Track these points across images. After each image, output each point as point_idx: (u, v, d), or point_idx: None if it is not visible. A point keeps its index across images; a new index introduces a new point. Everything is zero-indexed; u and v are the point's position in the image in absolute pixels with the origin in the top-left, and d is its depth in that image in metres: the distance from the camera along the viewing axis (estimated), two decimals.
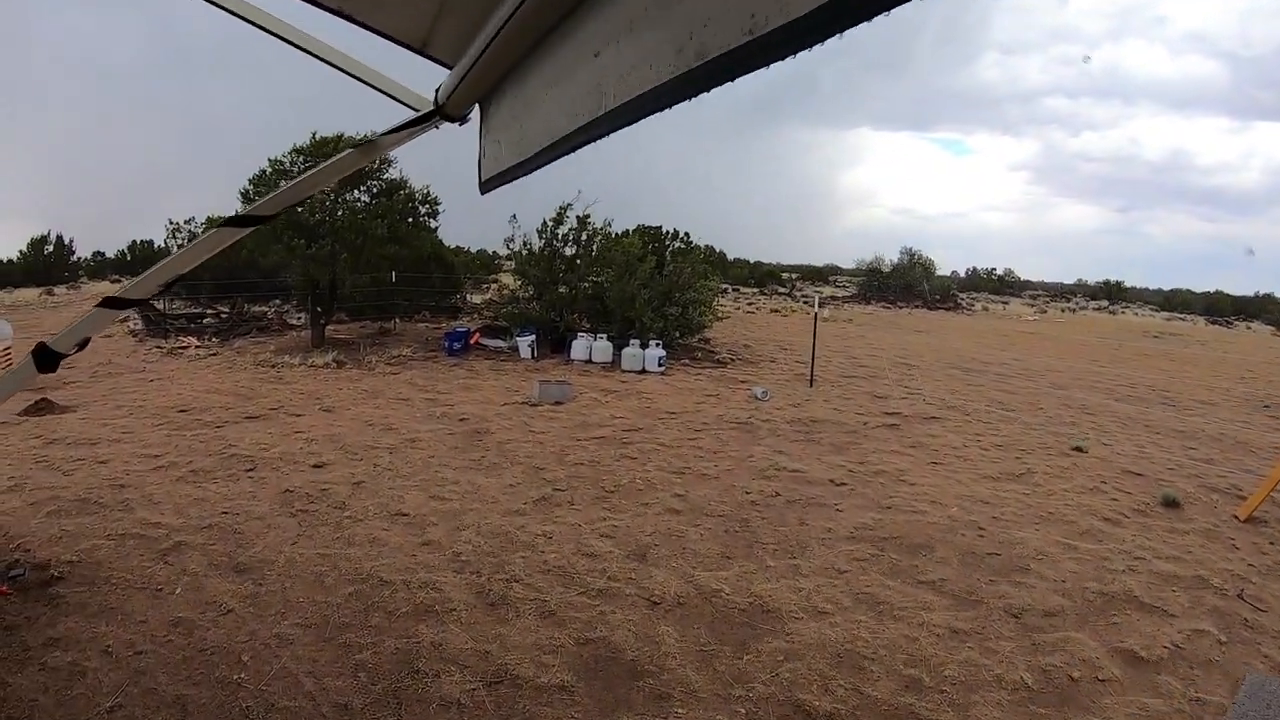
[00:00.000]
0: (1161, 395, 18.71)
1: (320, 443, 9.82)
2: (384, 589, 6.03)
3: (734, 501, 8.52)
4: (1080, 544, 7.73)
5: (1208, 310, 63.28)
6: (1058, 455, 11.53)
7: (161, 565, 6.27)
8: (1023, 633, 5.82)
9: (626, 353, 17.22)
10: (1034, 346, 29.11)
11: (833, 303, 45.58)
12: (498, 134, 2.44)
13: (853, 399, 15.14)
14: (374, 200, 18.75)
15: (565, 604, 5.99)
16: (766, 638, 5.56)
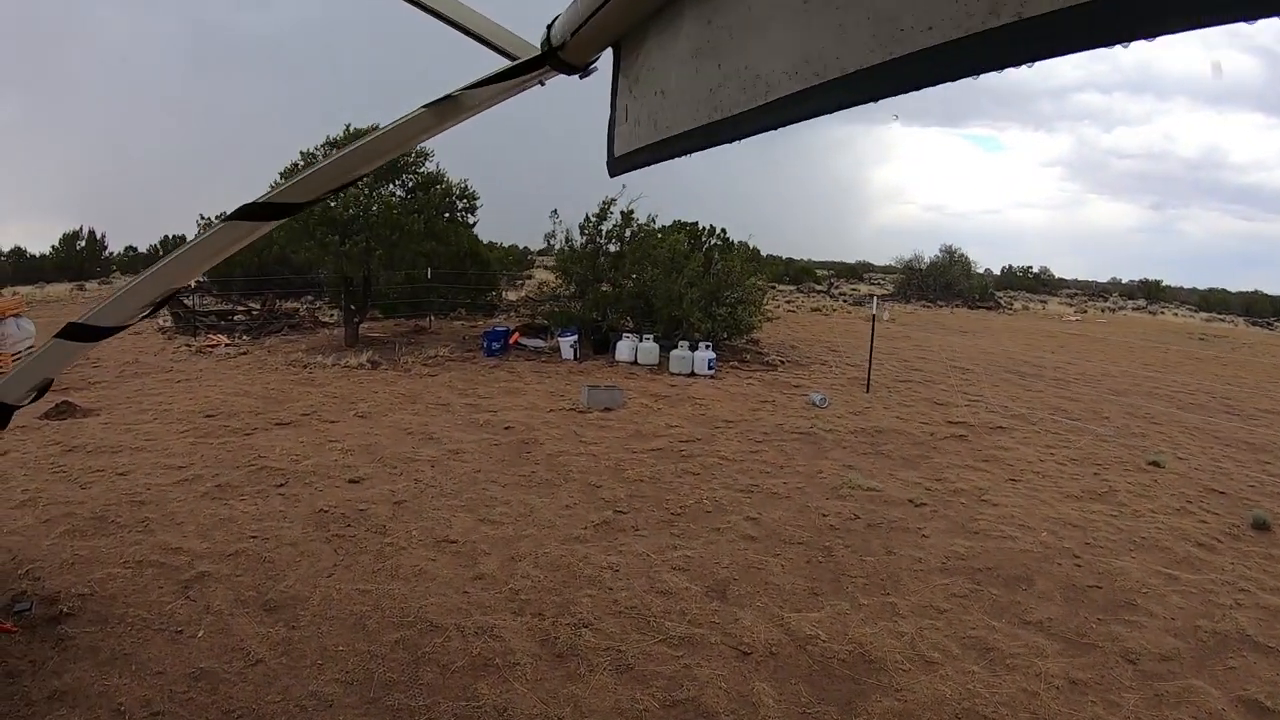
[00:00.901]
0: (1223, 403, 18.06)
1: (356, 454, 9.09)
2: (434, 635, 5.27)
3: (812, 526, 7.86)
4: (1180, 574, 7.24)
5: (1246, 311, 62.02)
6: (1135, 471, 10.97)
7: (182, 600, 5.57)
8: (1143, 681, 5.34)
9: (675, 355, 16.43)
10: (1083, 349, 28.28)
11: (871, 301, 44.85)
12: (639, 94, 1.95)
13: (913, 406, 14.45)
14: (409, 195, 17.98)
15: (643, 655, 5.25)
16: (874, 695, 4.97)
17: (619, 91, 2.08)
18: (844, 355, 20.70)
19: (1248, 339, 41.21)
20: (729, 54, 1.61)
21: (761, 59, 1.51)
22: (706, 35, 1.66)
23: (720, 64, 1.63)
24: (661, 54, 1.85)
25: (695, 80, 1.70)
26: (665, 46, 1.83)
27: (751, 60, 1.54)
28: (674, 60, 1.79)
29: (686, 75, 1.73)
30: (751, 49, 1.54)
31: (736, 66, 1.58)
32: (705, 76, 1.67)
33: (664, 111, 1.84)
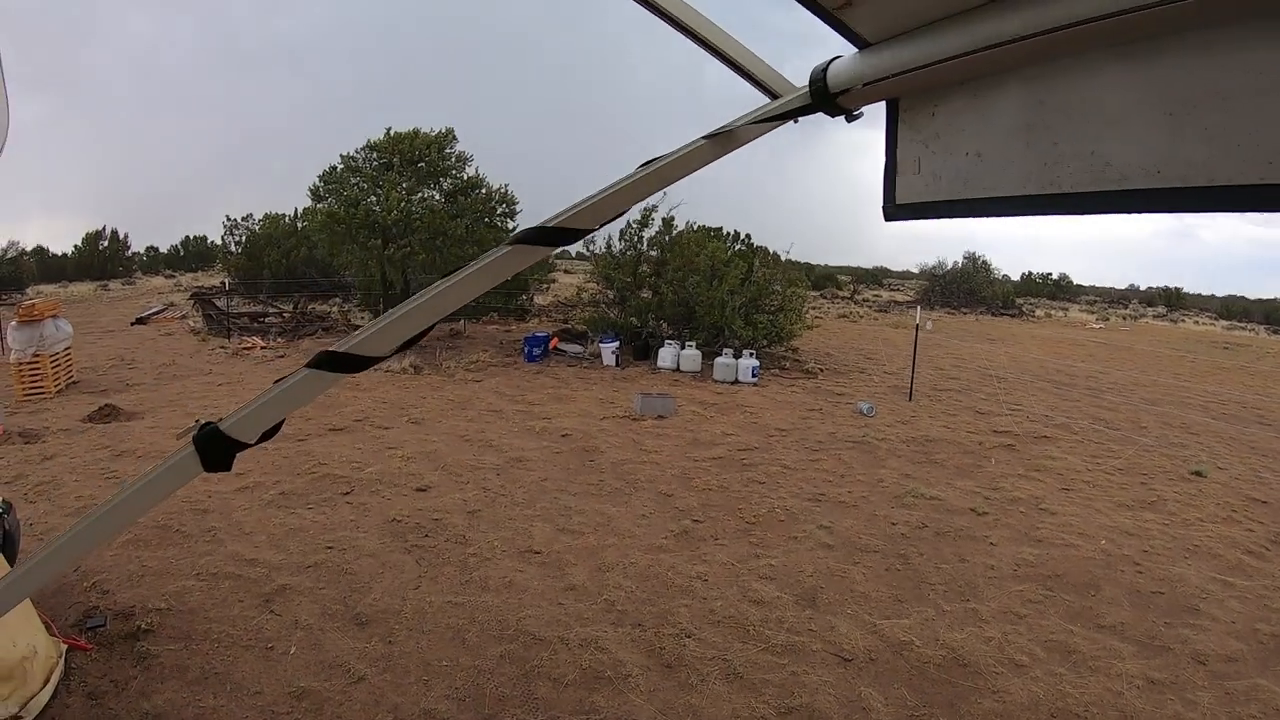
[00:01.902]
0: (1254, 413, 18.17)
1: (417, 461, 8.99)
2: (539, 649, 5.17)
3: (883, 534, 7.87)
4: (1234, 580, 7.46)
5: (1267, 319, 61.58)
6: (1180, 480, 11.15)
7: (267, 615, 5.44)
8: (1214, 681, 5.56)
9: (719, 362, 16.34)
10: (1111, 357, 28.23)
11: (909, 310, 44.75)
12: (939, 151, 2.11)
13: (956, 415, 14.46)
14: (449, 199, 17.88)
15: (750, 664, 5.20)
16: (974, 697, 5.08)
17: (902, 142, 2.21)
18: (880, 363, 20.67)
19: (1271, 348, 41.06)
20: (1068, 136, 1.75)
21: (1114, 150, 1.67)
22: (1040, 114, 1.81)
23: (1057, 143, 1.78)
24: (976, 119, 1.98)
25: (1026, 152, 1.84)
26: (982, 114, 1.96)
27: (1100, 148, 1.70)
28: (995, 129, 1.93)
29: (1015, 146, 1.87)
30: (1101, 138, 1.69)
31: (1079, 149, 1.73)
32: (1038, 151, 1.81)
33: (981, 174, 1.97)
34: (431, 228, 16.76)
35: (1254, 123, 1.46)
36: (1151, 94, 1.61)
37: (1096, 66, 1.71)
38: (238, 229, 29.40)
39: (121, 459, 8.82)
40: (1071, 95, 1.76)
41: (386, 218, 16.53)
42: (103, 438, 9.71)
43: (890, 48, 1.99)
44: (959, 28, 1.82)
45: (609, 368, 16.91)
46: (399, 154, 17.41)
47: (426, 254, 16.95)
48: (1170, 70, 1.58)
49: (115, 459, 8.81)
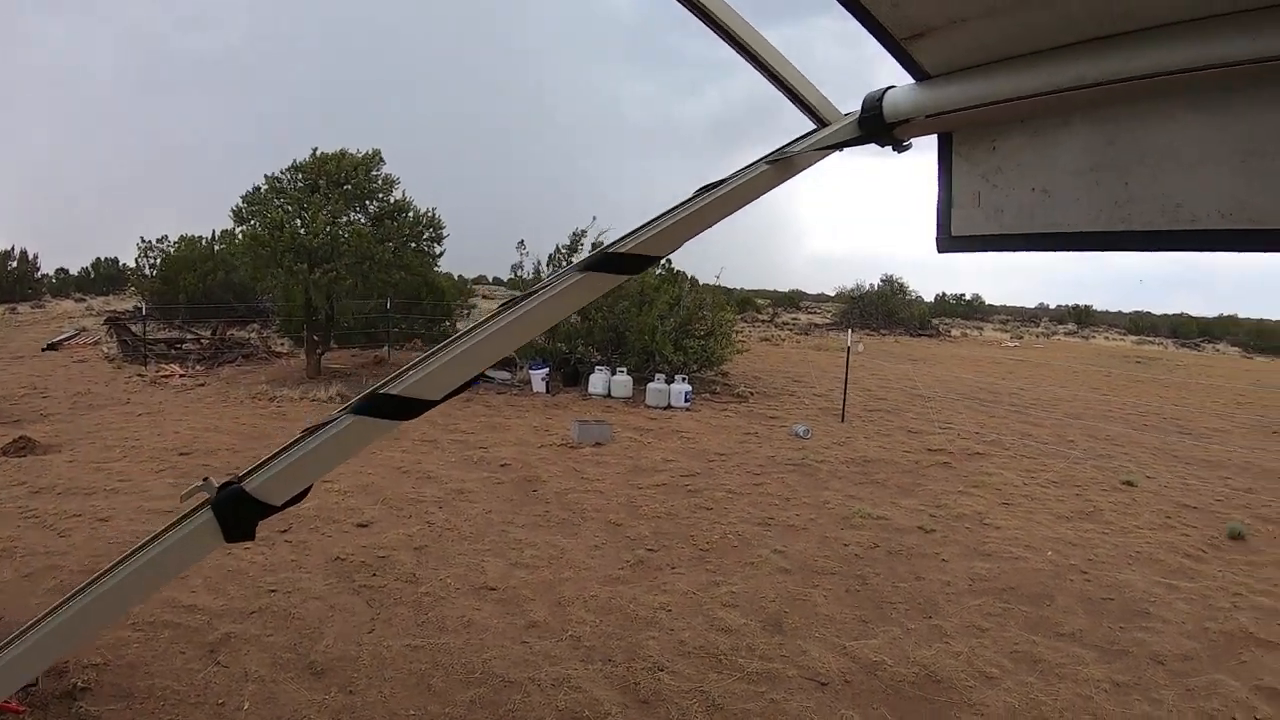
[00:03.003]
0: (1174, 423, 19.01)
1: (355, 495, 8.64)
2: (511, 691, 4.91)
3: (837, 556, 7.87)
4: (1178, 583, 7.79)
5: (1174, 333, 64.17)
6: (1113, 490, 11.55)
7: (214, 667, 5.05)
8: (1174, 679, 5.79)
9: (652, 387, 16.25)
10: (1030, 374, 29.12)
11: (817, 330, 45.31)
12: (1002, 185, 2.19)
13: (890, 435, 14.65)
14: (376, 222, 17.50)
15: (729, 694, 5.08)
16: (952, 712, 5.13)
17: (958, 175, 2.28)
18: (808, 385, 20.86)
19: (1180, 360, 43.12)
20: (1140, 177, 1.86)
21: (1185, 192, 1.78)
22: (1109, 154, 1.91)
23: (1128, 183, 1.88)
24: (1038, 156, 2.07)
25: (1096, 191, 1.95)
26: (1044, 151, 2.05)
27: (1169, 190, 1.81)
28: (1061, 166, 2.02)
29: (1083, 184, 1.97)
30: (1173, 180, 1.80)
31: (1151, 190, 1.84)
32: (1107, 189, 1.92)
33: (1049, 209, 2.06)
34: (358, 252, 16.31)
35: None
36: (1224, 142, 1.72)
37: (1169, 113, 1.80)
38: (152, 251, 28.37)
39: (40, 496, 8.35)
40: (1143, 138, 1.85)
41: (312, 241, 16.04)
42: (18, 472, 9.20)
43: (954, 81, 2.05)
44: (1028, 68, 1.89)
45: (539, 395, 16.67)
46: (325, 175, 16.97)
47: (353, 279, 16.52)
48: (1244, 120, 1.68)
49: (34, 496, 8.34)
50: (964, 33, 1.87)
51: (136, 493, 8.59)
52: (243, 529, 1.91)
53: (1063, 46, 1.80)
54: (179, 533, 1.90)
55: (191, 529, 1.89)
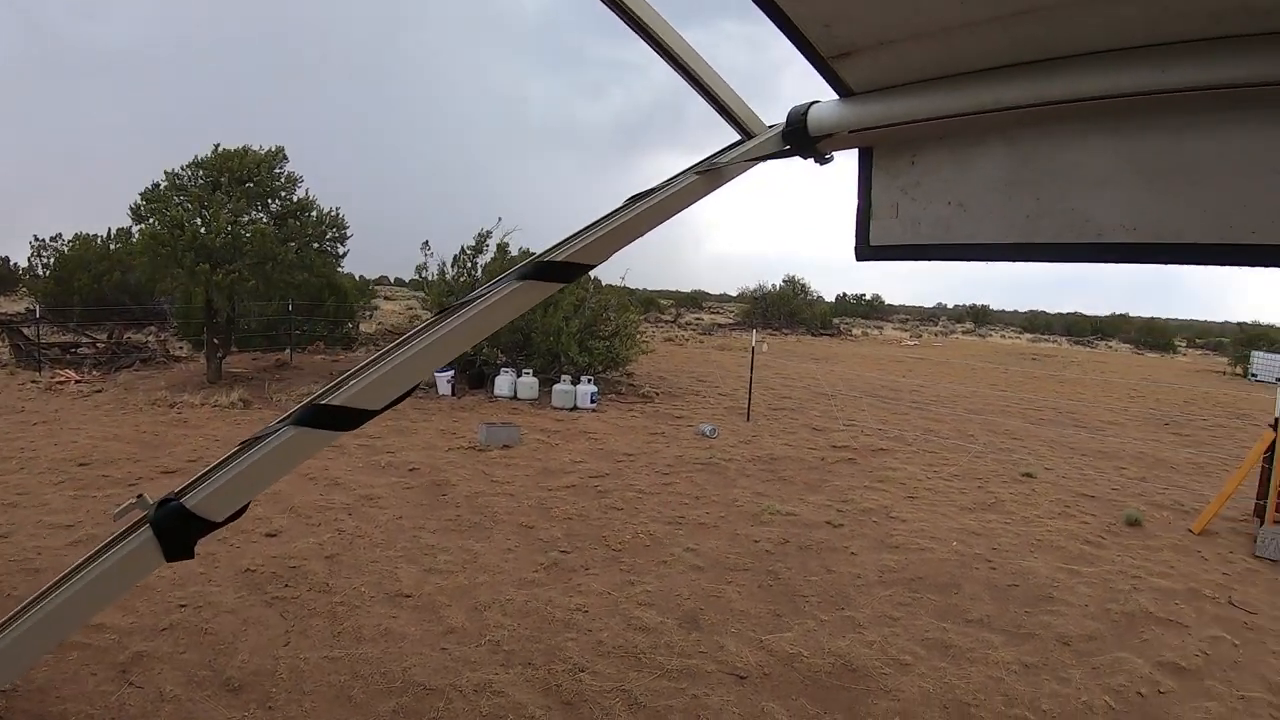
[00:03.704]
0: (1069, 417, 19.83)
1: (262, 504, 8.34)
2: (433, 699, 4.85)
3: (749, 552, 7.99)
4: (1080, 568, 8.15)
5: (1068, 331, 66.78)
6: (1013, 482, 12.00)
7: (127, 687, 4.84)
8: (1080, 659, 6.06)
9: (558, 389, 16.21)
10: (930, 372, 29.98)
11: (720, 330, 45.68)
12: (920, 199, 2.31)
13: (795, 433, 14.93)
14: (278, 222, 17.04)
15: (650, 692, 5.11)
16: (870, 699, 5.29)
17: (878, 187, 2.38)
18: (712, 385, 21.05)
19: (1074, 357, 44.97)
20: (1050, 193, 2.00)
21: (1093, 207, 1.93)
22: (1022, 171, 2.04)
23: (1039, 198, 2.02)
24: (956, 171, 2.18)
25: (1008, 204, 2.08)
26: (962, 166, 2.17)
27: (1077, 205, 1.95)
28: (977, 182, 2.14)
29: (996, 199, 2.10)
30: (1082, 196, 1.94)
31: (1060, 206, 1.98)
32: (1019, 204, 2.05)
33: (963, 222, 2.18)
34: (260, 252, 15.83)
35: (1218, 192, 1.74)
36: (1132, 162, 1.87)
37: (1079, 134, 1.94)
38: (46, 250, 27.16)
39: None
40: (1054, 157, 1.99)
41: (213, 241, 15.52)
42: None
43: (877, 99, 2.14)
44: (949, 89, 1.99)
45: (445, 397, 16.50)
46: (227, 172, 16.44)
47: (255, 280, 16.07)
48: (1147, 145, 1.83)
49: None
50: (889, 54, 1.96)
51: (36, 507, 8.23)
52: (183, 547, 1.88)
53: (982, 71, 1.90)
54: (118, 552, 1.85)
55: (131, 548, 1.85)
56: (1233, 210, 1.70)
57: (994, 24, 1.75)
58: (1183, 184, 1.77)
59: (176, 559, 1.84)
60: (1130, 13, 1.60)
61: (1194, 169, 1.75)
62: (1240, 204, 1.69)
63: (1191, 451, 16.10)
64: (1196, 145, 1.75)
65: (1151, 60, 1.65)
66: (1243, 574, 8.40)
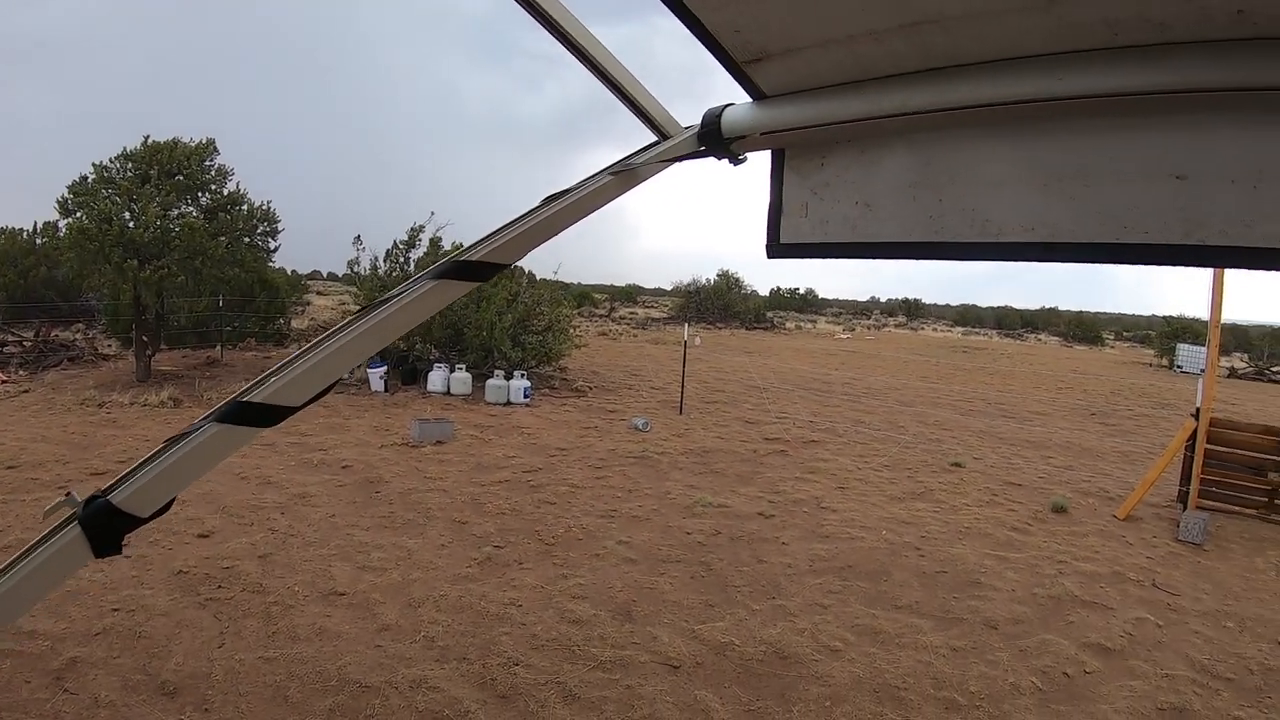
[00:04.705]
0: (998, 408, 20.36)
1: (194, 504, 8.26)
2: (369, 697, 4.86)
3: (681, 544, 8.09)
4: (1007, 554, 8.41)
5: (998, 324, 68.30)
6: (942, 471, 12.31)
7: (62, 695, 4.76)
8: (1007, 641, 6.28)
9: (491, 384, 16.17)
10: (862, 365, 30.38)
11: (654, 324, 45.78)
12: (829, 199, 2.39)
13: (728, 425, 15.07)
14: (208, 216, 16.70)
15: (584, 683, 5.19)
16: (801, 685, 5.41)
17: (789, 187, 2.46)
18: (646, 379, 21.14)
19: (1004, 350, 46.12)
20: (952, 194, 2.06)
21: (993, 208, 2.00)
22: (926, 173, 2.11)
23: (941, 199, 2.08)
24: (863, 173, 2.26)
25: (913, 205, 2.14)
26: (869, 169, 2.24)
27: (978, 206, 2.02)
28: (883, 183, 2.22)
29: (902, 200, 2.17)
30: (982, 198, 2.01)
31: (962, 206, 2.05)
32: (924, 205, 2.12)
33: (869, 221, 2.26)
34: (190, 246, 15.46)
35: (1110, 195, 1.82)
36: (1029, 166, 1.94)
37: (981, 139, 2.01)
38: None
39: None
40: (957, 160, 2.06)
41: (142, 235, 15.14)
42: None
43: (788, 103, 2.20)
44: (856, 94, 2.05)
45: (378, 393, 16.35)
46: (157, 165, 16.06)
47: (184, 275, 15.75)
48: (1044, 149, 1.91)
49: None
50: (799, 60, 2.03)
51: None
52: (111, 543, 1.91)
53: (888, 77, 1.98)
54: (46, 550, 1.88)
55: (60, 545, 1.87)
56: (1125, 212, 1.79)
57: (898, 33, 1.83)
58: (1078, 187, 1.86)
59: (105, 555, 1.86)
60: (1029, 24, 1.68)
61: (1089, 173, 1.85)
62: (1133, 206, 1.79)
63: (1117, 441, 16.66)
64: (1091, 150, 1.84)
65: (1049, 69, 1.74)
66: (1166, 558, 8.73)
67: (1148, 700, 5.51)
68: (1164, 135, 1.75)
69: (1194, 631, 6.76)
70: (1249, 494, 10.56)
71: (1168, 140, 1.74)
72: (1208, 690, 5.74)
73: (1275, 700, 5.68)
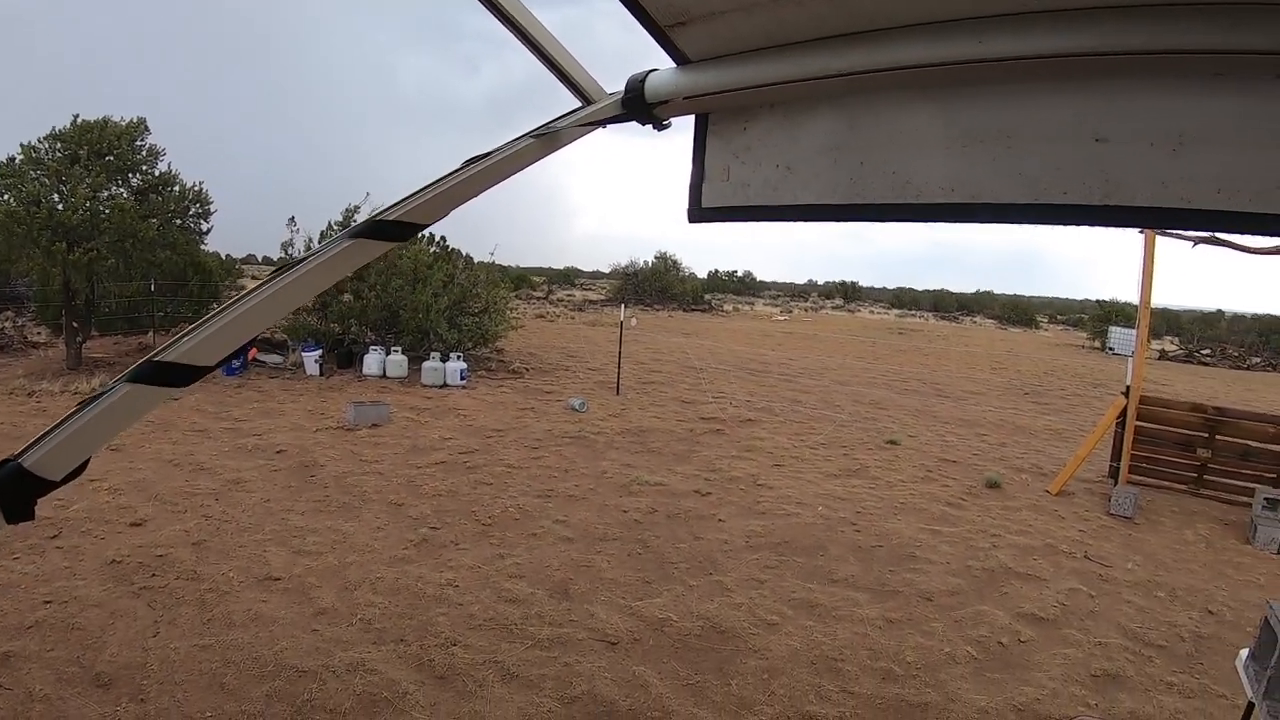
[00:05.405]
0: (933, 387, 20.86)
1: (126, 492, 8.15)
2: (306, 681, 4.84)
3: (618, 522, 8.17)
4: (941, 528, 8.64)
5: (935, 307, 69.46)
6: (877, 449, 12.57)
7: None
8: (942, 613, 6.44)
9: (427, 366, 16.04)
10: (798, 346, 30.72)
11: (592, 307, 45.74)
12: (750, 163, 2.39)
13: (664, 405, 15.18)
14: (139, 197, 16.29)
15: (522, 662, 5.23)
16: (739, 658, 5.50)
17: (711, 152, 2.46)
18: (583, 360, 21.18)
19: (939, 332, 47.17)
20: (874, 157, 2.08)
21: (913, 170, 2.02)
22: (848, 136, 2.13)
23: (863, 162, 2.10)
24: (786, 136, 2.26)
25: (834, 169, 2.15)
26: (792, 132, 2.25)
27: (900, 168, 2.04)
28: (805, 146, 2.22)
29: (824, 163, 2.18)
30: (904, 160, 2.03)
31: (883, 169, 2.07)
32: (845, 168, 2.13)
33: (790, 184, 2.26)
34: (121, 229, 15.05)
35: (1031, 157, 1.85)
36: (949, 128, 1.96)
37: (903, 102, 2.03)
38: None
39: None
40: (879, 123, 2.08)
41: (71, 218, 14.71)
42: None
43: (711, 67, 2.19)
44: (779, 58, 2.06)
45: (313, 377, 16.14)
46: (86, 145, 15.60)
47: (115, 259, 15.36)
48: (966, 111, 1.94)
49: None
50: (722, 24, 2.03)
51: None
52: (23, 508, 1.88)
53: (811, 41, 2.00)
54: None
55: None
56: (1044, 173, 1.83)
57: None
58: (999, 149, 1.89)
59: (17, 521, 1.83)
60: None
61: (1010, 135, 1.88)
62: (1053, 167, 1.82)
63: (1050, 419, 17.17)
64: (1012, 112, 1.88)
65: (972, 32, 1.77)
66: (1097, 530, 9.04)
67: (1081, 668, 5.69)
68: (1084, 98, 1.80)
69: (1126, 601, 6.98)
70: (1178, 469, 10.93)
71: (1088, 103, 1.79)
72: (1140, 657, 5.94)
73: (1206, 666, 5.90)
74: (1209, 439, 10.55)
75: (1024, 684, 5.40)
